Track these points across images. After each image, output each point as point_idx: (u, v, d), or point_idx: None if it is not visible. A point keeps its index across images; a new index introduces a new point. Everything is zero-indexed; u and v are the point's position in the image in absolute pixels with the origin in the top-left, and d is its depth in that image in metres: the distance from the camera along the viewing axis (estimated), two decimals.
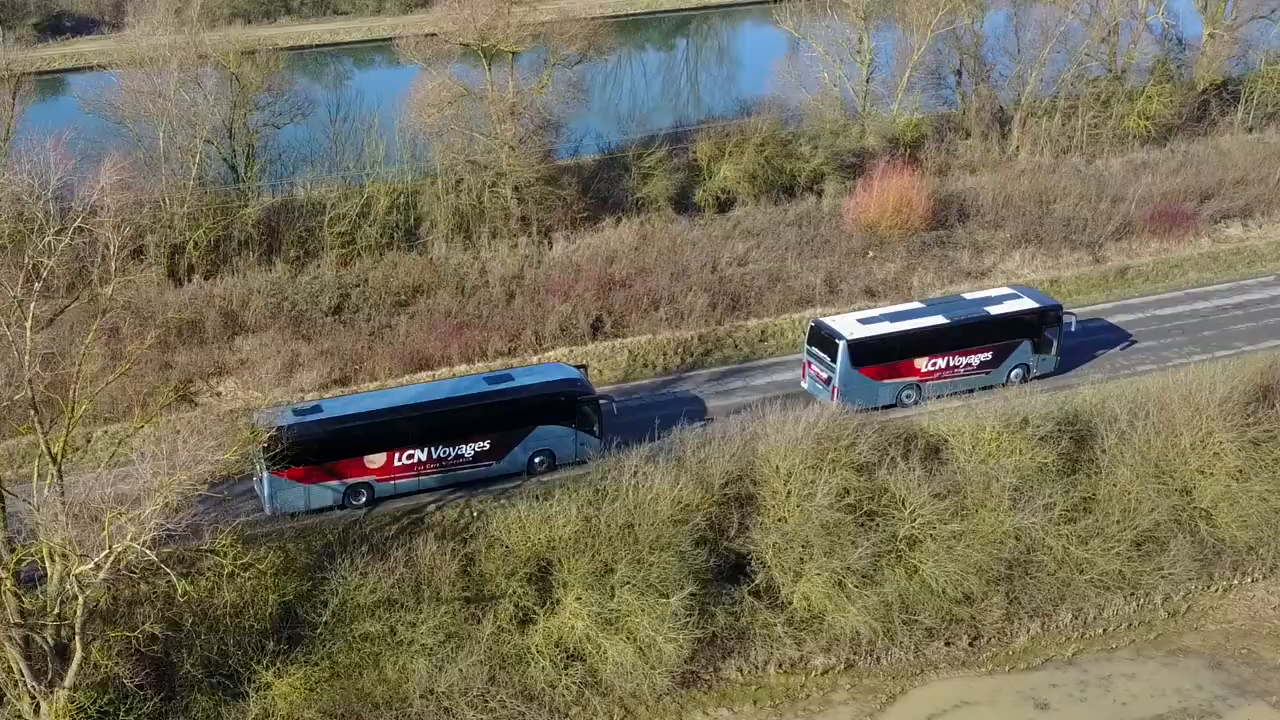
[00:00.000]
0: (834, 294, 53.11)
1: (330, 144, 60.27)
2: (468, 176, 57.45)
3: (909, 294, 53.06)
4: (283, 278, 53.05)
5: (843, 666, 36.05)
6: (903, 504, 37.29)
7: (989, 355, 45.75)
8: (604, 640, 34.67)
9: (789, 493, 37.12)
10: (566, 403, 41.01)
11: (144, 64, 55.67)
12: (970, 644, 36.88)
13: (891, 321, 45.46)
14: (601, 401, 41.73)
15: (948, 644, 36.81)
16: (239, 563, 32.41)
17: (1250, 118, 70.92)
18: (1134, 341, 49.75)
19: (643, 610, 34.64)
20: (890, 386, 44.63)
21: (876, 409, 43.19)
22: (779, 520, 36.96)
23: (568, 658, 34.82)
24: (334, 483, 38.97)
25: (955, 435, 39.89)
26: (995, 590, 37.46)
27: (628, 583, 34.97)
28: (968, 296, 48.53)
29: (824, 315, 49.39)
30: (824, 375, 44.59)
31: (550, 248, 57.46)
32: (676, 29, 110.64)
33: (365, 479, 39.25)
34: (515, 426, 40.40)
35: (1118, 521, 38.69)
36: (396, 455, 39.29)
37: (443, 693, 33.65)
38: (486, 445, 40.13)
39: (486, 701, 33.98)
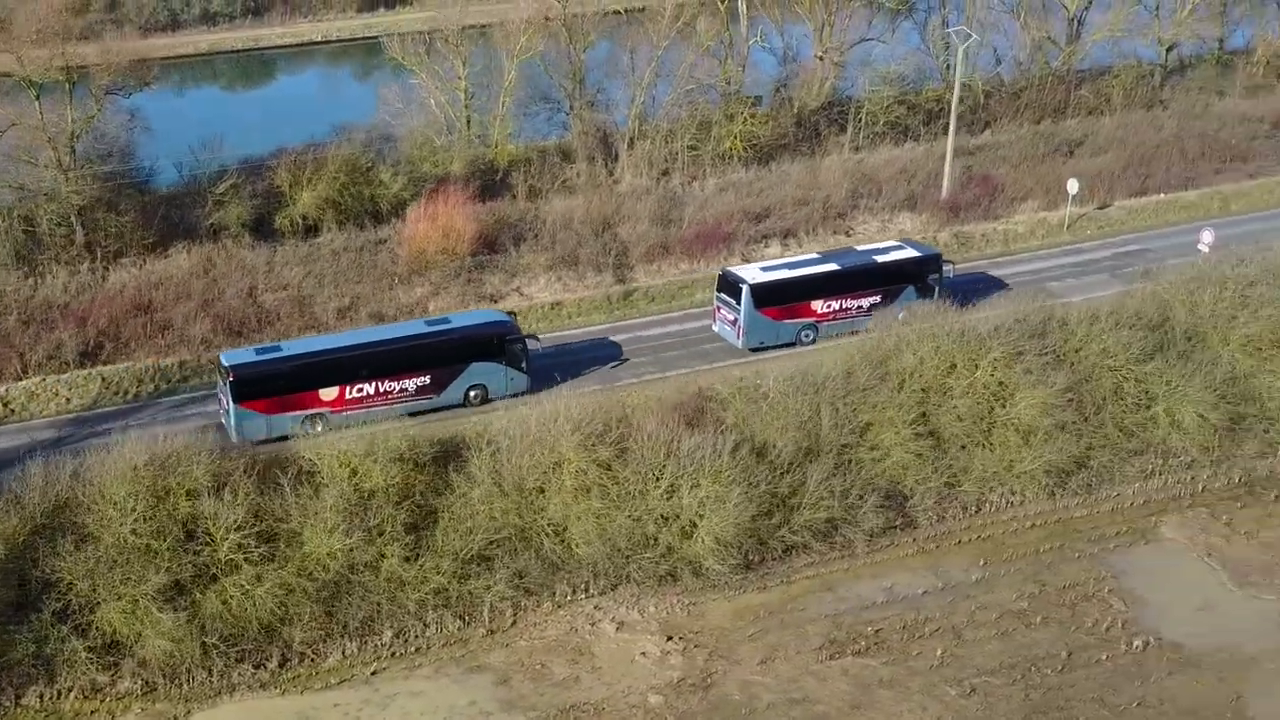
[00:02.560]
0: (344, 319, 53.22)
1: None
2: (17, 203, 57.26)
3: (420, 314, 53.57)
4: None
5: (141, 691, 36.10)
6: (219, 529, 37.36)
7: (878, 298, 50.51)
8: None
9: (108, 519, 37.17)
10: (497, 342, 46.18)
11: None
12: (280, 665, 36.94)
13: (790, 269, 50.59)
14: (529, 341, 47.02)
15: (256, 666, 36.82)
16: None
17: (859, 138, 71.66)
18: (624, 359, 50.29)
19: None
20: (790, 326, 49.83)
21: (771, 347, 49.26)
22: (88, 546, 36.94)
23: None
24: (293, 413, 43.91)
25: (319, 459, 40.08)
26: (313, 611, 37.54)
27: None
28: (859, 248, 53.94)
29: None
30: (731, 317, 49.78)
31: (110, 275, 57.32)
32: None
33: (320, 410, 44.26)
34: (452, 363, 45.52)
35: (459, 539, 38.90)
36: (348, 389, 44.27)
37: None
38: (427, 380, 45.21)
39: None
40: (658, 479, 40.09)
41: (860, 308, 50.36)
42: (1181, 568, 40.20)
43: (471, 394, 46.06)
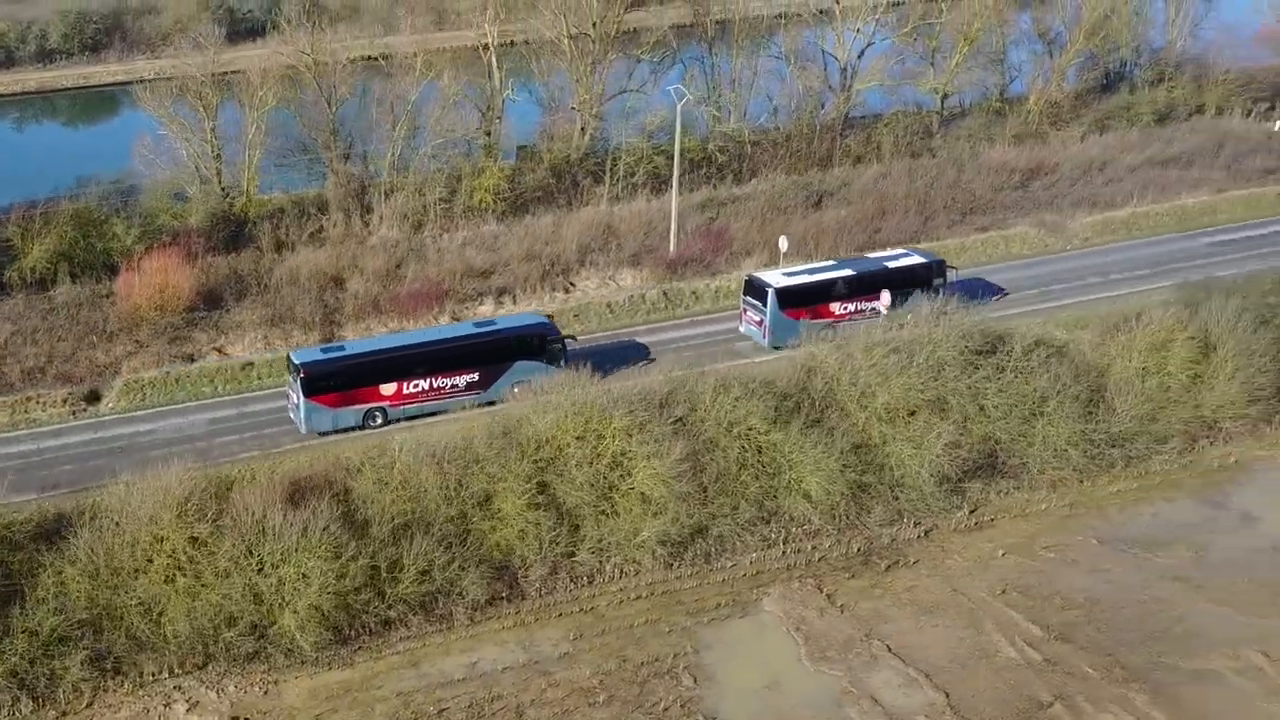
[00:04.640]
0: (29, 380, 52.77)
1: None
2: None
3: (112, 376, 53.02)
4: None
5: None
6: None
7: (890, 300, 54.42)
8: None
9: None
10: (539, 342, 49.79)
11: None
12: None
13: (810, 274, 54.71)
14: (567, 340, 50.47)
15: None
16: None
17: (618, 189, 71.56)
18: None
19: None
20: (811, 326, 53.16)
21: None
22: None
23: None
24: (356, 407, 47.76)
25: None
26: None
27: None
28: (870, 255, 58.02)
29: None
30: (757, 319, 53.92)
31: None
32: None
33: (381, 404, 48.11)
34: (498, 361, 49.15)
35: (42, 618, 38.28)
36: (405, 385, 48.07)
37: None
38: (476, 376, 48.89)
39: None
40: (251, 555, 39.73)
41: (874, 309, 54.28)
42: (766, 642, 39.96)
43: (516, 389, 48.76)
